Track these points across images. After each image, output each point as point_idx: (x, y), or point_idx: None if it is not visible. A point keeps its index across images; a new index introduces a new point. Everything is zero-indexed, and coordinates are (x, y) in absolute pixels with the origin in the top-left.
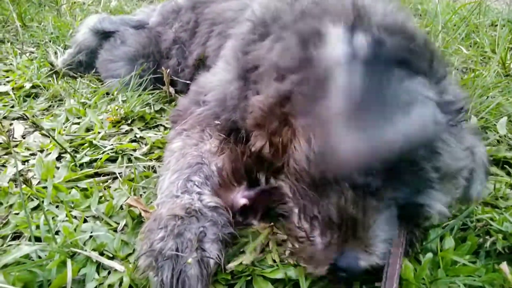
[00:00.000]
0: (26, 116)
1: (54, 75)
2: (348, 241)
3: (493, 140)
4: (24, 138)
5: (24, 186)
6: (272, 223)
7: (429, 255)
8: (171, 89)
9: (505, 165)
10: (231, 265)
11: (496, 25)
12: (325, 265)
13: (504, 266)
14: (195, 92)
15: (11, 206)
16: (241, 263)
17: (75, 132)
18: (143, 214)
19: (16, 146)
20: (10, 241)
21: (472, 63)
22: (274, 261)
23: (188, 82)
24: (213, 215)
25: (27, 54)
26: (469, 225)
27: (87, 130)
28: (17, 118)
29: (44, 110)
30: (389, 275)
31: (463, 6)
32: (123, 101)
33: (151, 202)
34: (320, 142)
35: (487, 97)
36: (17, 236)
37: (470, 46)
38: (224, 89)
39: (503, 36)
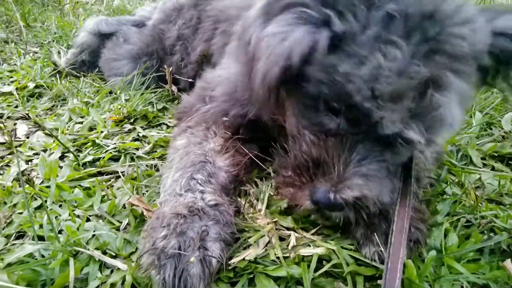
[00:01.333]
0: (29, 116)
1: (57, 75)
2: (317, 179)
3: (498, 136)
4: (27, 137)
5: (27, 185)
6: (275, 219)
7: (433, 252)
8: (174, 88)
9: (510, 161)
10: (234, 261)
11: None
12: (306, 200)
13: (508, 263)
14: (201, 88)
15: (15, 205)
16: (244, 259)
17: (78, 131)
18: (145, 213)
19: (19, 145)
20: (13, 240)
21: None
22: (278, 257)
23: (190, 80)
24: (215, 213)
25: (31, 54)
26: (473, 222)
27: (90, 129)
28: (21, 118)
29: (47, 109)
30: (392, 265)
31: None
32: (126, 100)
33: (154, 200)
34: None
35: (492, 93)
36: (20, 235)
37: None
38: (235, 82)
39: None
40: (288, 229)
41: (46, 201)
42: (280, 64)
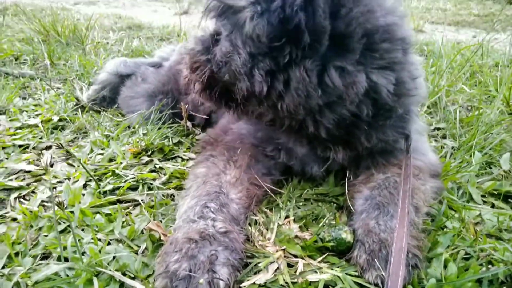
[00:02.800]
0: (61, 144)
1: (79, 109)
2: None
3: (498, 175)
4: (51, 167)
5: (57, 208)
6: (284, 247)
7: (432, 280)
8: (189, 124)
9: (509, 199)
10: (245, 284)
11: (500, 66)
12: None
13: None
14: (226, 122)
15: (40, 228)
16: (254, 283)
17: (99, 162)
18: (162, 237)
19: (44, 174)
20: (39, 260)
21: (476, 101)
22: (286, 282)
23: (205, 117)
24: (225, 240)
25: (55, 90)
26: (472, 254)
27: (110, 160)
28: (45, 148)
29: (70, 141)
30: (392, 284)
31: (467, 48)
32: (144, 134)
33: (170, 227)
34: None
35: (491, 133)
36: (46, 256)
37: (475, 85)
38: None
39: (506, 76)
40: (296, 256)
41: (69, 225)
42: None
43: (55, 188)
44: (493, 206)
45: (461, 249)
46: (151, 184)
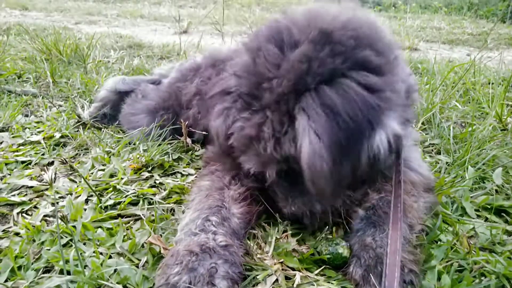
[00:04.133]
0: (65, 160)
1: (81, 126)
2: None
3: (491, 189)
4: (54, 182)
5: (60, 222)
6: (282, 260)
7: None
8: (188, 140)
9: (502, 213)
10: None
11: (492, 83)
12: None
13: None
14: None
15: (43, 243)
16: None
17: (100, 177)
18: (162, 251)
19: (46, 189)
20: (42, 274)
21: (469, 118)
22: None
23: (204, 133)
24: (225, 253)
25: (57, 107)
26: (466, 266)
27: (111, 176)
28: (47, 164)
29: (71, 157)
30: (388, 284)
31: (461, 66)
32: (144, 150)
33: (170, 241)
34: None
35: (484, 149)
36: (48, 270)
37: (468, 102)
38: None
39: (498, 93)
40: (293, 269)
41: (71, 239)
42: None
43: (57, 203)
44: (486, 220)
45: (455, 262)
46: (152, 199)
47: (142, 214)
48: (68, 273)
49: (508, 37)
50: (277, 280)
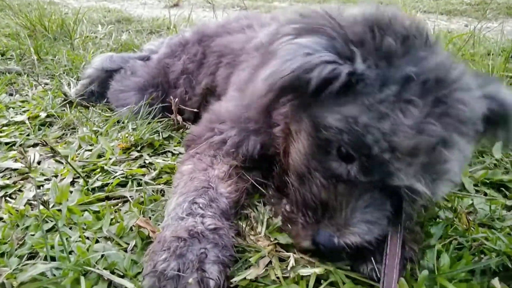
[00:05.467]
0: (45, 142)
1: (67, 105)
2: (323, 221)
3: (490, 163)
4: (39, 164)
5: (42, 207)
6: (275, 241)
7: (425, 272)
8: (179, 117)
9: (501, 188)
10: (236, 279)
11: (492, 54)
12: (307, 240)
13: (495, 282)
14: (209, 120)
15: (27, 228)
16: (245, 278)
17: (87, 158)
18: (151, 234)
19: (30, 172)
20: (26, 260)
21: None
22: (277, 277)
23: (195, 110)
24: (214, 237)
25: (42, 85)
26: (465, 244)
27: (99, 156)
28: (33, 145)
29: (58, 138)
30: (387, 285)
31: (460, 36)
32: (133, 129)
33: (159, 224)
34: None
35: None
36: (32, 256)
37: None
38: (241, 113)
39: (498, 64)
40: (287, 250)
41: (57, 223)
42: (295, 71)
43: (42, 186)
44: (485, 195)
45: (454, 239)
46: (141, 180)
47: (131, 196)
48: (53, 259)
49: (507, 6)
50: (270, 262)
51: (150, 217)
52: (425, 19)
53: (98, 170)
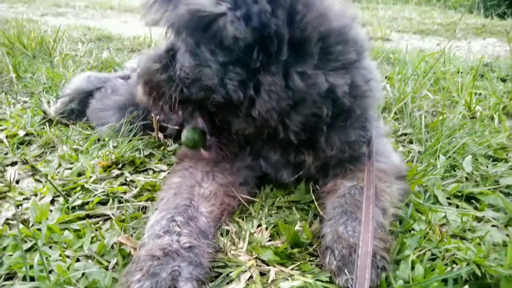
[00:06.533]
0: (26, 160)
1: (47, 123)
2: None
3: (462, 177)
4: (17, 183)
5: (22, 226)
6: (256, 255)
7: (400, 282)
8: (160, 135)
9: (472, 200)
10: None
11: (461, 72)
12: None
13: None
14: None
15: (4, 248)
16: None
17: (67, 176)
18: (133, 252)
19: (9, 191)
20: (3, 281)
21: (440, 106)
22: None
23: (176, 127)
24: (189, 255)
25: (21, 103)
26: (438, 255)
27: (79, 174)
28: (11, 164)
29: (37, 156)
30: (359, 286)
31: (431, 55)
32: (114, 147)
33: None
34: None
35: (455, 137)
36: (10, 277)
37: (439, 91)
38: None
39: (467, 82)
40: (268, 264)
41: (36, 243)
42: None
43: (21, 205)
44: (457, 207)
45: (428, 250)
46: (122, 197)
47: (112, 214)
48: (32, 279)
49: (475, 27)
50: (251, 276)
51: (131, 235)
52: (400, 38)
53: (79, 188)
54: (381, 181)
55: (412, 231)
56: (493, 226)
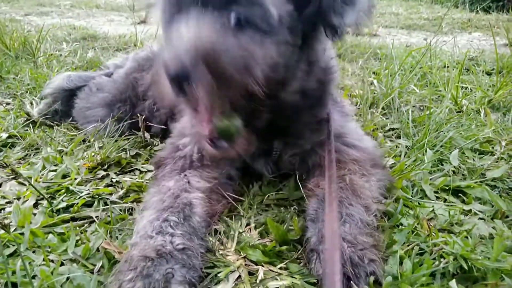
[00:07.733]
0: (6, 164)
1: (30, 125)
2: None
3: (449, 171)
4: (0, 186)
5: (2, 232)
6: (245, 255)
7: (389, 278)
8: (146, 135)
9: (459, 194)
10: None
11: (447, 67)
12: None
13: (453, 284)
14: (171, 143)
15: None
16: None
17: (51, 179)
18: (117, 256)
19: None
20: None
21: (427, 101)
22: None
23: (162, 126)
24: (182, 257)
25: (4, 105)
26: (426, 249)
27: (64, 176)
28: None
29: (20, 159)
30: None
31: (418, 50)
32: (100, 148)
33: (127, 243)
34: None
35: (442, 131)
36: None
37: (426, 85)
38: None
39: (453, 76)
40: (256, 264)
41: (18, 247)
42: None
43: (3, 209)
44: (445, 201)
45: (416, 245)
46: (107, 199)
47: (96, 216)
48: (14, 285)
49: (461, 21)
50: (240, 276)
51: (117, 237)
52: (387, 33)
53: (63, 190)
54: (357, 175)
55: (400, 226)
56: (480, 219)
